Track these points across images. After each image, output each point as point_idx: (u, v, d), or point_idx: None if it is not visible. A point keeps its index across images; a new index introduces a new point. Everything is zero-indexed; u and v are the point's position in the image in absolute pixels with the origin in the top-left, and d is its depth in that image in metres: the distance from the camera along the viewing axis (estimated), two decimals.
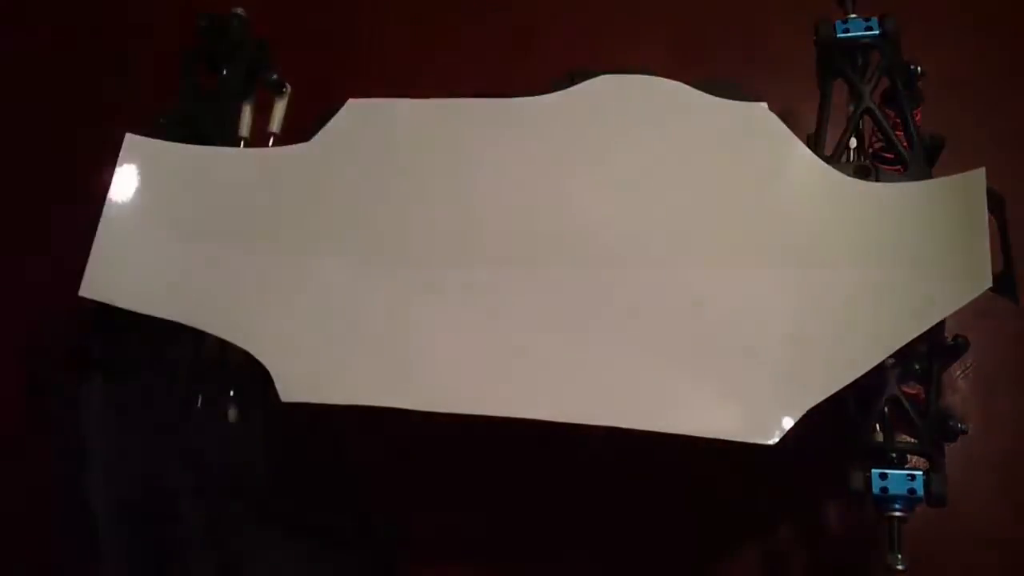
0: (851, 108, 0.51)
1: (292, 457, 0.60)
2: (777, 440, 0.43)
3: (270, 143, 0.58)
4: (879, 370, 0.44)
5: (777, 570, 0.57)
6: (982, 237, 0.44)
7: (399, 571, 0.60)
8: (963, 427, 0.45)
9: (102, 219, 0.53)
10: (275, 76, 0.58)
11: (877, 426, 0.46)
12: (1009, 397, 0.58)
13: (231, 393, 0.53)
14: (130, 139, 0.55)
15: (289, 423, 0.55)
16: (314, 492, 0.58)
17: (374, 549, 0.57)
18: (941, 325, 0.45)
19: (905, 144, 0.49)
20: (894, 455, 0.45)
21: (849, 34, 0.51)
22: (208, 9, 0.58)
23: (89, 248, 0.52)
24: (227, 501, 0.49)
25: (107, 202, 0.53)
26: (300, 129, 0.56)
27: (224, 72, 0.57)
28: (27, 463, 0.64)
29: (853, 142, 0.51)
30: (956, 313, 0.44)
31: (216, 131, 0.56)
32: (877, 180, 0.49)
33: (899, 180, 0.48)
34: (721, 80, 0.52)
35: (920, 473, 0.43)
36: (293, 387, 0.48)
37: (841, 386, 0.43)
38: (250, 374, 0.50)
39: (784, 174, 0.49)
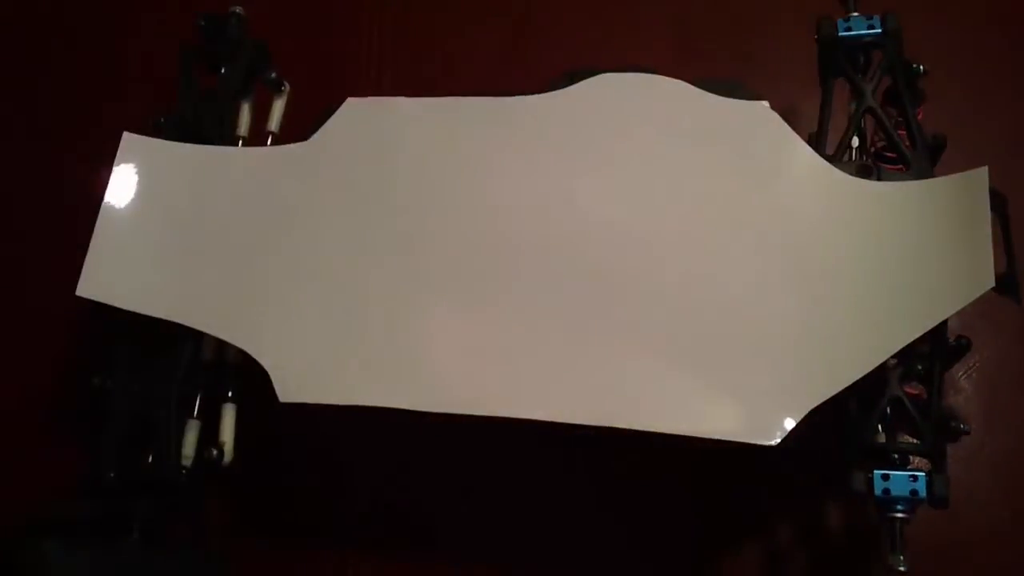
0: (853, 107, 0.51)
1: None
2: (779, 441, 0.43)
3: (268, 142, 0.58)
4: (881, 370, 0.44)
5: (777, 571, 0.57)
6: (984, 236, 0.43)
7: None
8: (965, 428, 0.45)
9: (99, 218, 0.52)
10: (274, 75, 0.58)
11: (879, 427, 0.46)
12: (1011, 397, 0.58)
13: (229, 393, 0.53)
14: (128, 138, 0.54)
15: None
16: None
17: None
18: (944, 325, 0.44)
19: (907, 143, 0.49)
20: (896, 456, 0.45)
21: (851, 32, 0.51)
22: (208, 9, 0.58)
23: (86, 248, 0.52)
24: None
25: (104, 201, 0.53)
26: (299, 128, 0.56)
27: (223, 71, 0.57)
28: (26, 466, 0.64)
29: (855, 141, 0.51)
30: (958, 313, 0.44)
31: (214, 130, 0.55)
32: (879, 179, 0.48)
33: (901, 179, 0.48)
34: (722, 79, 0.52)
35: (922, 474, 0.43)
36: (292, 387, 0.48)
37: (843, 386, 0.43)
38: (248, 374, 0.50)
39: (785, 173, 0.49)
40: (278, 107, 0.59)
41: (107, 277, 0.51)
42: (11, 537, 0.49)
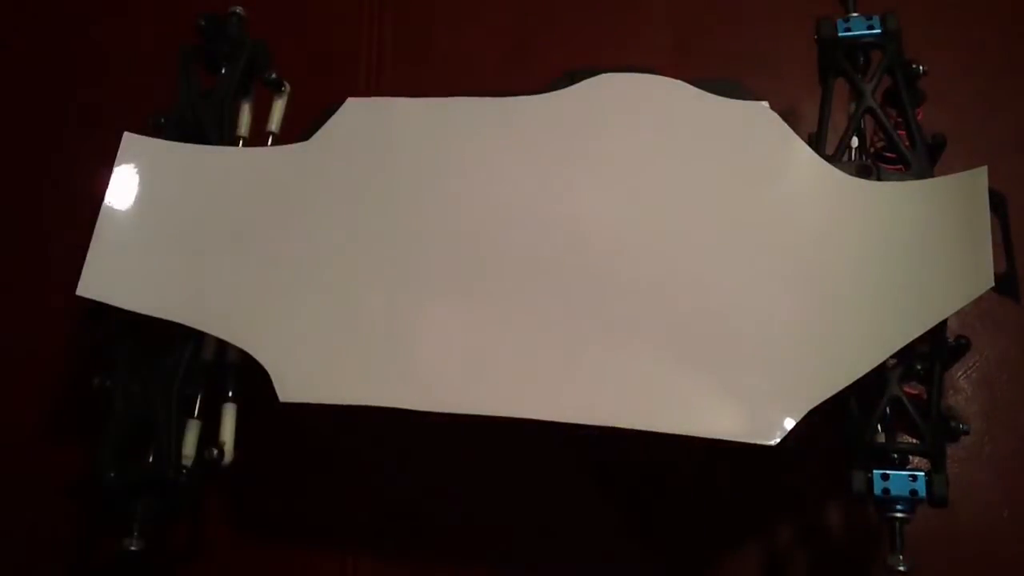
0: (852, 107, 0.51)
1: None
2: (778, 441, 0.43)
3: (269, 142, 0.58)
4: (881, 370, 0.44)
5: (777, 570, 0.57)
6: (984, 236, 0.43)
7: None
8: (965, 428, 0.45)
9: (99, 218, 0.52)
10: (274, 75, 0.58)
11: (879, 427, 0.46)
12: (1011, 397, 0.58)
13: (229, 393, 0.53)
14: (128, 138, 0.54)
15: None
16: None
17: None
18: (943, 325, 0.44)
19: (907, 143, 0.49)
20: (896, 456, 0.45)
21: (850, 33, 0.51)
22: (208, 9, 0.58)
23: (86, 248, 0.52)
24: None
25: (105, 201, 0.53)
26: (299, 128, 0.56)
27: (223, 71, 0.57)
28: (26, 466, 0.64)
29: (854, 141, 0.51)
30: (958, 313, 0.44)
31: (214, 130, 0.55)
32: (879, 179, 0.48)
33: (901, 179, 0.48)
34: (721, 79, 0.52)
35: (922, 474, 0.43)
36: (291, 387, 0.48)
37: (843, 386, 0.43)
38: (248, 374, 0.50)
39: (785, 173, 0.49)
40: (278, 107, 0.59)
41: (107, 277, 0.51)
42: None
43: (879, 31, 0.51)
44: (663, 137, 0.51)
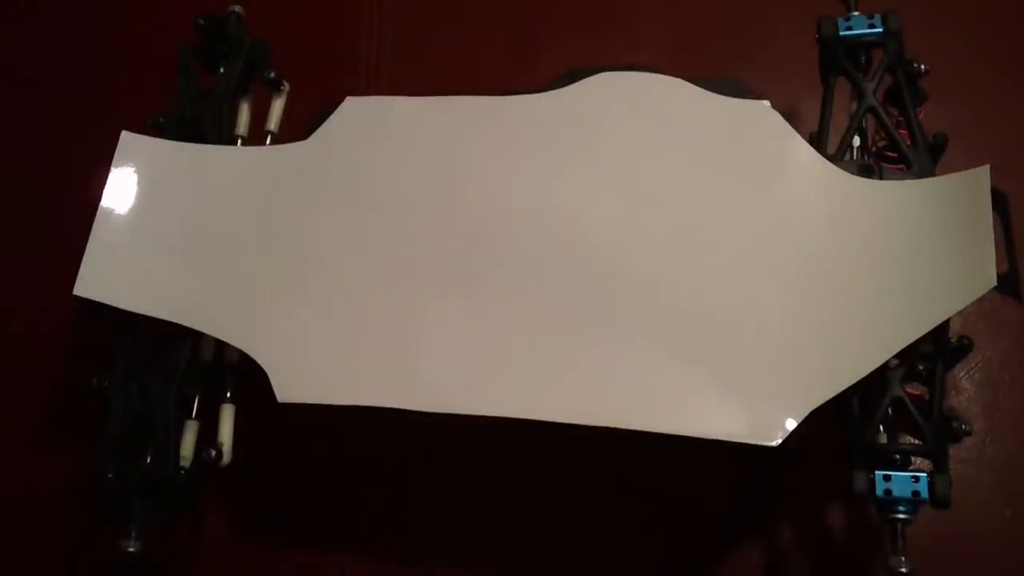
0: (854, 106, 0.51)
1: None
2: (780, 441, 0.43)
3: (267, 141, 0.58)
4: (883, 371, 0.44)
5: (778, 571, 0.57)
6: (986, 236, 0.43)
7: None
8: (967, 428, 0.45)
9: (97, 217, 0.52)
10: (273, 74, 0.58)
11: (881, 427, 0.45)
12: (1013, 398, 0.58)
13: (227, 394, 0.53)
14: (126, 137, 0.54)
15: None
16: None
17: None
18: (945, 325, 0.44)
19: (908, 143, 0.49)
20: (898, 457, 0.44)
21: (852, 32, 0.51)
22: (207, 9, 0.58)
23: (84, 247, 0.51)
24: None
25: (102, 201, 0.53)
26: (299, 128, 0.56)
27: (222, 70, 0.57)
28: (26, 466, 0.64)
29: (856, 141, 0.51)
30: (960, 313, 0.44)
31: (213, 130, 0.55)
32: (880, 179, 0.48)
33: (902, 179, 0.48)
34: (722, 78, 0.52)
35: (924, 475, 0.43)
36: (290, 387, 0.47)
37: (844, 387, 0.43)
38: (248, 374, 0.50)
39: (787, 172, 0.49)
40: (277, 107, 0.59)
41: (105, 277, 0.51)
42: None
43: (880, 30, 0.51)
44: (664, 136, 0.50)
